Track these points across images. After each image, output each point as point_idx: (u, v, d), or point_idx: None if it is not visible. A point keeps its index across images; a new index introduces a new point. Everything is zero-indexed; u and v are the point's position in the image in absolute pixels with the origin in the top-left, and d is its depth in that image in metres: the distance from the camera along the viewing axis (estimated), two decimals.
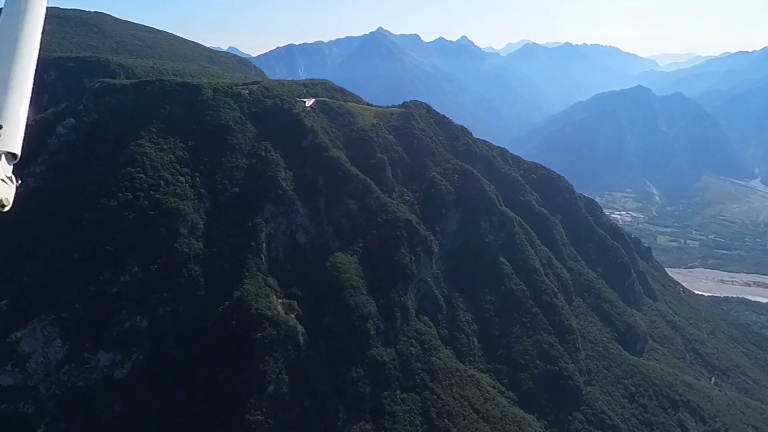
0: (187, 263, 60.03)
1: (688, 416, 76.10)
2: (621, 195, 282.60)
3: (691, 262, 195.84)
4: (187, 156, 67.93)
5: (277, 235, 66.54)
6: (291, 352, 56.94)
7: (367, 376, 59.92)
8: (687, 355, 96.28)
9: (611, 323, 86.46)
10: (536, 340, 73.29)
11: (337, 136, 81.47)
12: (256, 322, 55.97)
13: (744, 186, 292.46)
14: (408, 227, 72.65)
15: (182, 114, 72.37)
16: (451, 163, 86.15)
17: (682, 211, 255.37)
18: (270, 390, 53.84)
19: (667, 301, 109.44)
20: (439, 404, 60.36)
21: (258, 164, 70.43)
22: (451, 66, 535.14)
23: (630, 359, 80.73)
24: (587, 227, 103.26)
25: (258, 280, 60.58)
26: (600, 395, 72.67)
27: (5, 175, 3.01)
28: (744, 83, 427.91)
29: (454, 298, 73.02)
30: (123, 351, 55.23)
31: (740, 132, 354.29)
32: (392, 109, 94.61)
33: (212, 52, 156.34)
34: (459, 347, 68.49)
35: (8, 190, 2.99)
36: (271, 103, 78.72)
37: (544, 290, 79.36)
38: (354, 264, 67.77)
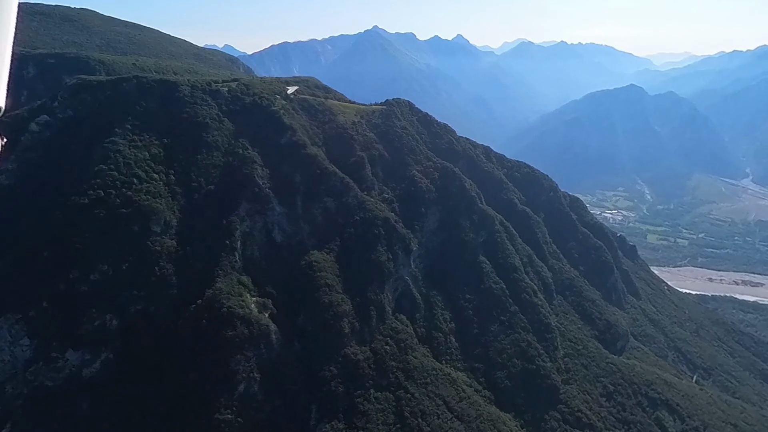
0: (160, 261, 59.51)
1: (666, 414, 76.19)
2: (612, 194, 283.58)
3: (680, 261, 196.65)
4: (162, 153, 67.33)
5: (253, 233, 66.10)
6: (263, 351, 56.56)
7: (340, 375, 59.62)
8: (669, 354, 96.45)
9: (592, 322, 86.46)
10: (514, 338, 73.15)
11: (317, 134, 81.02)
12: (228, 321, 55.57)
13: (735, 185, 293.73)
14: (386, 225, 72.33)
15: (158, 111, 71.75)
16: (432, 161, 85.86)
17: (672, 210, 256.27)
18: (241, 389, 53.48)
19: (651, 300, 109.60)
20: (413, 403, 60.12)
21: (234, 162, 69.92)
22: (446, 64, 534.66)
23: (609, 358, 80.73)
24: (570, 226, 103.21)
25: (231, 278, 60.15)
26: (577, 394, 72.62)
27: None
28: (737, 82, 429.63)
29: (433, 297, 72.78)
30: (92, 350, 54.72)
31: (732, 131, 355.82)
32: (374, 107, 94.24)
33: (199, 50, 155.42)
34: (436, 346, 68.28)
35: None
36: (249, 100, 78.19)
37: (524, 289, 79.23)
38: (330, 262, 67.41)
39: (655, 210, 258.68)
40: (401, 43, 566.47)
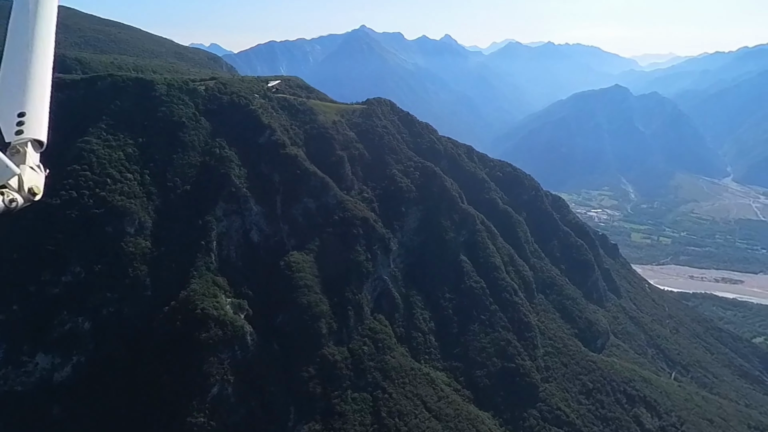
0: (134, 263, 58.62)
1: (644, 411, 76.94)
2: (598, 193, 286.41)
3: (663, 259, 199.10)
4: (137, 153, 66.35)
5: (230, 233, 65.43)
6: (238, 353, 56.00)
7: (318, 376, 59.27)
8: (649, 351, 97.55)
9: (572, 320, 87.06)
10: (494, 337, 73.35)
11: (297, 134, 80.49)
12: (202, 323, 54.92)
13: (716, 184, 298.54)
14: (365, 225, 72.08)
15: (134, 110, 70.69)
16: (413, 160, 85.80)
17: (656, 209, 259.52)
18: (214, 391, 52.86)
19: (631, 298, 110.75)
20: (391, 403, 59.97)
21: (211, 161, 69.16)
22: (433, 64, 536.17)
23: (589, 355, 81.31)
24: (552, 225, 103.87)
25: (206, 279, 59.47)
26: (557, 392, 73.03)
27: (34, 163, 2.95)
28: (718, 83, 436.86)
29: (412, 296, 72.71)
30: (63, 353, 53.76)
31: (714, 131, 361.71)
32: (355, 107, 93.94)
33: (181, 48, 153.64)
34: (415, 345, 68.22)
35: (38, 178, 2.94)
36: (227, 99, 77.39)
37: (505, 288, 79.49)
38: (309, 263, 66.98)
39: (639, 209, 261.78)
40: (389, 42, 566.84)
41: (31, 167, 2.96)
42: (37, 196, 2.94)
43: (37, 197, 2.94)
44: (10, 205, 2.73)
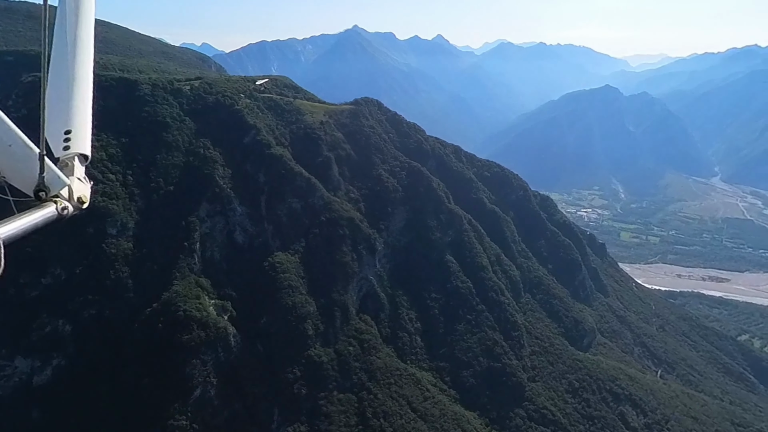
0: (115, 264, 58.11)
1: (630, 409, 77.47)
2: (588, 192, 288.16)
3: (651, 258, 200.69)
4: (119, 153, 65.77)
5: (213, 234, 65.04)
6: (221, 355, 55.69)
7: (303, 377, 59.09)
8: (635, 349, 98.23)
9: (559, 319, 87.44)
10: (480, 337, 73.50)
11: (283, 134, 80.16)
12: (184, 325, 54.53)
13: (705, 183, 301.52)
14: (351, 225, 71.97)
15: (117, 110, 69.95)
16: (399, 160, 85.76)
17: (645, 208, 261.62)
18: (196, 394, 52.52)
19: (618, 297, 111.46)
20: (376, 404, 59.91)
21: (195, 162, 68.70)
22: (425, 64, 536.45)
23: (576, 354, 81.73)
24: (540, 224, 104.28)
25: (189, 281, 59.06)
26: (543, 391, 73.32)
27: (81, 175, 3.18)
28: (707, 83, 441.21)
29: (398, 297, 72.66)
30: (43, 356, 53.18)
31: (703, 131, 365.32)
32: (343, 107, 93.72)
33: (170, 48, 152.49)
34: (400, 346, 68.18)
35: (85, 188, 3.16)
36: (212, 99, 76.96)
37: (491, 287, 79.68)
38: (294, 264, 66.76)
39: (628, 208, 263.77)
40: (381, 42, 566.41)
41: (78, 178, 3.23)
42: (84, 204, 3.19)
43: (84, 206, 3.19)
44: (62, 213, 2.99)
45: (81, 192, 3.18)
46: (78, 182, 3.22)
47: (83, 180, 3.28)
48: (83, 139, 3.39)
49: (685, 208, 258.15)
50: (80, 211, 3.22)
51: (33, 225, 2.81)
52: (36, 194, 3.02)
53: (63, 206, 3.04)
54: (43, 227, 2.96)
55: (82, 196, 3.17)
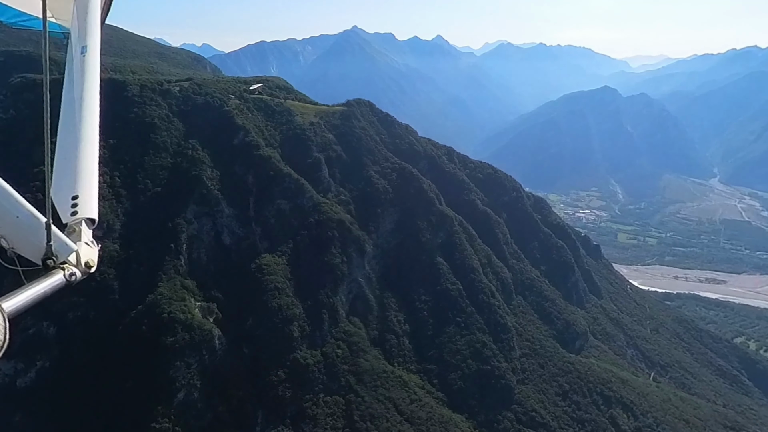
0: (100, 266, 57.70)
1: (621, 412, 77.03)
2: (586, 194, 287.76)
3: (648, 260, 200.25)
4: (107, 154, 65.44)
5: (201, 236, 64.82)
6: (205, 357, 55.43)
7: (288, 380, 58.80)
8: (628, 352, 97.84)
9: (551, 321, 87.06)
10: (469, 339, 73.14)
11: (273, 135, 79.94)
12: (168, 327, 54.28)
13: (703, 185, 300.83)
14: (340, 227, 71.71)
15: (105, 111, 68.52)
16: (390, 161, 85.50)
17: (643, 210, 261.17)
18: (180, 396, 52.27)
19: (612, 299, 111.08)
20: (363, 407, 59.62)
21: (183, 163, 68.52)
22: (425, 65, 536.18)
23: (567, 357, 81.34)
24: (533, 226, 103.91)
25: (175, 283, 58.83)
26: (533, 393, 72.98)
27: (88, 239, 3.26)
28: (706, 84, 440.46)
29: (387, 299, 72.36)
30: (27, 359, 52.95)
31: (701, 132, 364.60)
32: (335, 108, 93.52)
33: (164, 49, 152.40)
34: (388, 348, 67.85)
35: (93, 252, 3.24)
36: (201, 100, 76.76)
37: (482, 289, 79.31)
38: (282, 265, 66.51)
39: (626, 210, 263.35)
40: (380, 43, 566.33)
41: (86, 243, 3.26)
42: (92, 268, 3.22)
43: (92, 269, 3.22)
44: (70, 279, 3.01)
45: (88, 256, 3.20)
46: (85, 247, 3.24)
47: (90, 244, 3.31)
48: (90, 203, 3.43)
49: (683, 209, 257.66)
50: (88, 275, 3.23)
51: (41, 295, 2.82)
52: (44, 262, 3.03)
53: (71, 273, 3.05)
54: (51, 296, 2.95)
55: (89, 260, 3.19)
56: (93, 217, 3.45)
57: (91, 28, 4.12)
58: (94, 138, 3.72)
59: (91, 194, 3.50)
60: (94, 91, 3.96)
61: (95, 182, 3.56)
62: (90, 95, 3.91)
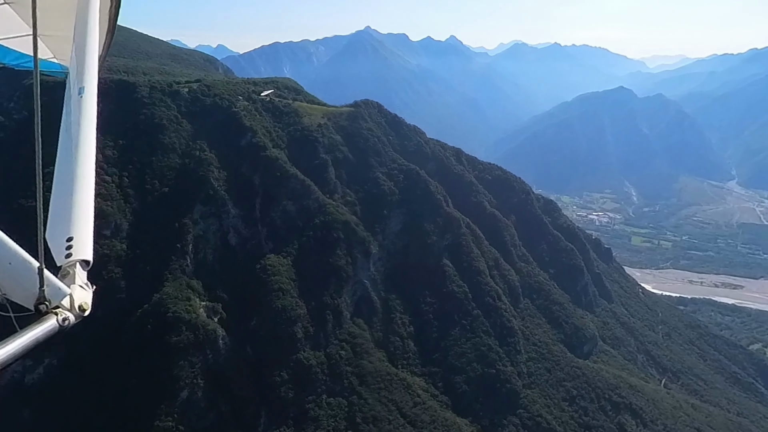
0: (108, 265, 58.70)
1: (629, 419, 75.77)
2: (600, 195, 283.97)
3: (662, 263, 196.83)
4: (116, 155, 66.56)
5: (207, 236, 65.37)
6: (209, 357, 55.87)
7: (291, 381, 58.98)
8: (638, 357, 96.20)
9: (559, 325, 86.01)
10: (475, 342, 72.58)
11: (280, 136, 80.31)
12: (173, 326, 54.82)
13: (720, 187, 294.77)
14: (346, 229, 71.72)
15: (115, 112, 70.75)
16: (397, 163, 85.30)
17: (658, 212, 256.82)
18: (183, 395, 52.75)
19: (623, 303, 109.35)
20: (366, 409, 59.52)
21: (191, 164, 69.20)
22: (438, 65, 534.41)
23: (575, 362, 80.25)
24: (542, 228, 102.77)
25: (180, 282, 59.41)
26: (539, 398, 72.11)
27: (82, 281, 3.24)
28: (725, 85, 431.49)
29: (392, 301, 72.16)
30: (35, 356, 53.87)
31: (720, 133, 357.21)
32: (342, 109, 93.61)
33: (177, 50, 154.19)
34: (392, 350, 67.65)
35: (87, 295, 3.21)
36: (210, 101, 77.45)
37: (488, 292, 78.68)
38: (287, 266, 66.74)
39: (640, 212, 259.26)
40: (393, 43, 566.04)
41: (80, 285, 3.23)
42: (86, 312, 3.17)
43: (86, 313, 3.18)
44: (63, 324, 2.97)
45: (82, 299, 3.16)
46: (79, 290, 3.22)
47: (85, 286, 3.28)
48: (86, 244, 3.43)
49: (699, 212, 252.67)
50: (81, 318, 3.20)
51: (33, 342, 2.78)
52: (36, 307, 3.01)
53: (64, 317, 3.02)
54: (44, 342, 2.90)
55: (83, 303, 3.15)
56: (88, 258, 3.42)
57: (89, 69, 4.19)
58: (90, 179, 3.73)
59: (86, 236, 3.48)
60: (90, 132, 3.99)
61: (91, 224, 3.57)
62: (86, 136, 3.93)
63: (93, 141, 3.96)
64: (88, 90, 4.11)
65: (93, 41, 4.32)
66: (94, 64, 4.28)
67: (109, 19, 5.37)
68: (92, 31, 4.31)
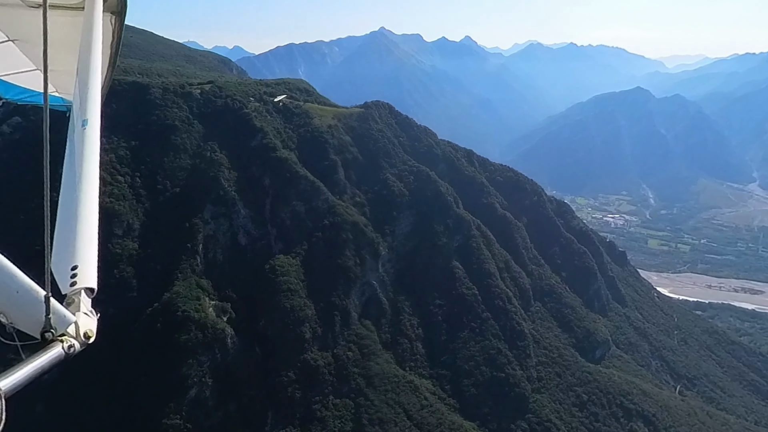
0: (120, 264, 59.64)
1: (642, 425, 74.40)
2: (616, 198, 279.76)
3: (680, 267, 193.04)
4: (128, 156, 67.59)
5: (217, 236, 65.98)
6: (218, 356, 56.35)
7: (298, 381, 59.17)
8: (652, 363, 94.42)
9: (570, 329, 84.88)
10: (484, 345, 72.01)
11: (291, 137, 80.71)
12: (182, 325, 55.42)
13: (741, 190, 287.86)
14: (354, 229, 71.76)
15: (128, 113, 71.93)
16: (407, 164, 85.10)
17: (675, 215, 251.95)
18: (191, 394, 53.28)
19: (638, 307, 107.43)
20: (372, 410, 59.42)
21: (202, 164, 69.93)
22: (452, 66, 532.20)
23: (586, 366, 79.10)
24: (554, 231, 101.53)
25: (190, 282, 60.05)
26: (548, 403, 71.22)
27: (87, 309, 3.32)
28: (746, 85, 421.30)
29: (401, 302, 71.96)
30: None
31: (741, 135, 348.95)
32: (353, 110, 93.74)
33: (193, 52, 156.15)
34: (400, 352, 67.45)
35: (92, 322, 3.31)
36: (221, 102, 78.19)
37: (498, 295, 78.00)
38: (295, 267, 67.02)
39: (658, 215, 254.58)
40: (407, 44, 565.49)
41: (84, 313, 3.31)
42: (91, 339, 3.25)
43: (91, 340, 3.26)
44: (69, 351, 3.04)
45: (87, 327, 3.24)
46: (84, 317, 3.30)
47: (89, 314, 3.36)
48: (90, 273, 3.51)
49: (718, 215, 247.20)
50: (86, 346, 3.25)
51: (40, 370, 2.80)
52: (42, 335, 3.06)
53: (69, 345, 3.06)
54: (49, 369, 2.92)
55: (88, 331, 3.22)
56: (92, 286, 3.49)
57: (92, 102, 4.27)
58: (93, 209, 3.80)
59: (90, 264, 3.54)
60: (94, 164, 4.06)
61: (95, 253, 3.64)
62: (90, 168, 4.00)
63: (96, 172, 4.05)
64: (91, 123, 4.19)
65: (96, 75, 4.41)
66: (97, 97, 4.37)
67: (111, 53, 5.46)
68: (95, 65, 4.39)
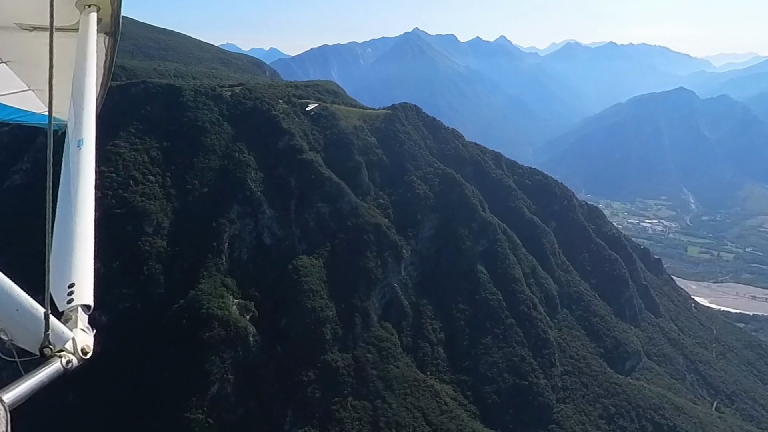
0: (149, 261, 61.69)
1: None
2: (654, 202, 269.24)
3: (722, 276, 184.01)
4: (160, 156, 69.84)
5: (242, 236, 67.31)
6: (240, 353, 57.46)
7: (318, 381, 59.64)
8: (687, 377, 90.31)
9: (599, 338, 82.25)
10: (507, 352, 70.67)
11: (317, 139, 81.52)
12: (206, 322, 56.79)
13: None
14: (377, 231, 71.78)
15: (162, 115, 74.41)
16: (433, 167, 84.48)
17: (718, 222, 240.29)
18: (213, 390, 54.52)
19: (673, 318, 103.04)
20: (390, 414, 59.27)
21: (230, 165, 71.50)
22: (486, 66, 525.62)
23: (614, 377, 76.47)
24: (584, 236, 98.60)
25: (215, 280, 61.48)
26: (573, 414, 69.25)
27: (84, 325, 3.45)
28: None
29: (423, 306, 71.51)
30: None
31: None
32: (379, 112, 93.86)
33: (227, 55, 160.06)
34: (421, 356, 67.00)
35: (89, 338, 3.43)
36: (250, 104, 79.76)
37: (523, 301, 76.40)
38: (318, 267, 67.61)
39: (699, 221, 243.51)
40: (441, 45, 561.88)
41: (82, 329, 3.34)
42: (88, 354, 3.28)
43: (88, 356, 3.28)
44: (67, 367, 3.07)
45: (84, 342, 3.27)
46: (81, 333, 3.33)
47: (86, 330, 3.39)
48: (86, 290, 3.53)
49: (766, 222, 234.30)
50: (84, 362, 3.26)
51: (39, 384, 2.87)
52: (41, 351, 3.09)
53: (67, 360, 3.11)
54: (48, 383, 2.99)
55: (85, 346, 3.25)
56: (89, 303, 3.53)
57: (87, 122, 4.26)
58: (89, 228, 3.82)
59: (87, 282, 3.58)
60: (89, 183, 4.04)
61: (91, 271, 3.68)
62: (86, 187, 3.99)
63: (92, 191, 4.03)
64: (86, 142, 4.16)
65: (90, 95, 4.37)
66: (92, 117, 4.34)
67: (104, 74, 5.49)
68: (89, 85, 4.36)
